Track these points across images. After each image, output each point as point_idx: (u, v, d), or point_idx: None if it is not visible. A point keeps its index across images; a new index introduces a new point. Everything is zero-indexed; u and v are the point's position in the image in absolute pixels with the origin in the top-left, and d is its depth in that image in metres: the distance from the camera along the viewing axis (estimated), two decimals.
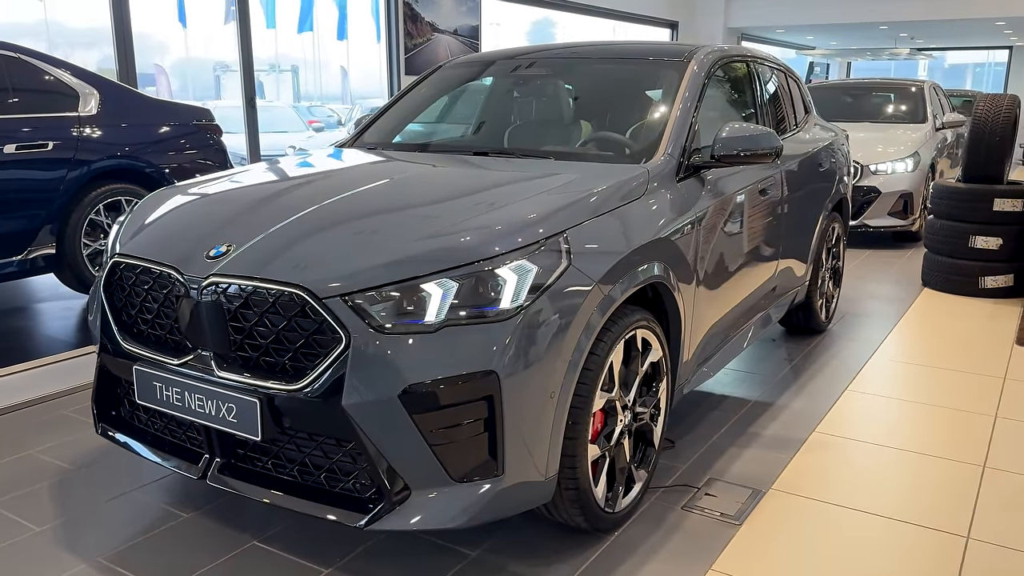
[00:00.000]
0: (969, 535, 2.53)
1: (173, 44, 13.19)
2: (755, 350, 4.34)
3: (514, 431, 2.08)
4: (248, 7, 8.67)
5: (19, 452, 3.05)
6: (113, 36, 7.37)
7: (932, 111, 8.21)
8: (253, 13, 8.97)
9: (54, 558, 2.37)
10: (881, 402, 3.62)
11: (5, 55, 4.50)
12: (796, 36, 21.03)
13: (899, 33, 20.84)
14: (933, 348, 4.46)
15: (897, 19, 17.19)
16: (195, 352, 2.23)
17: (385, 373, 1.99)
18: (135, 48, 7.47)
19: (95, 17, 7.43)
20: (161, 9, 9.48)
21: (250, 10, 8.73)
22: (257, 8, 9.89)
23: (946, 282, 5.57)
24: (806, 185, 3.98)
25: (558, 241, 2.22)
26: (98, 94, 4.86)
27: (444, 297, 2.04)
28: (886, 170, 7.09)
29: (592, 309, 2.22)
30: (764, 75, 3.89)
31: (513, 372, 2.04)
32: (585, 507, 2.34)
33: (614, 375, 2.39)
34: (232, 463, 2.27)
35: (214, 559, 2.37)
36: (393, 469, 2.03)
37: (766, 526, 2.57)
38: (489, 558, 2.38)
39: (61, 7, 7.54)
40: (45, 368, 3.93)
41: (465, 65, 3.81)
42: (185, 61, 15.74)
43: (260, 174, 2.96)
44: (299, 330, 2.06)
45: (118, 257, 2.43)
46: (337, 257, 2.12)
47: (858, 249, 7.20)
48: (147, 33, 13.13)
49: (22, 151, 4.43)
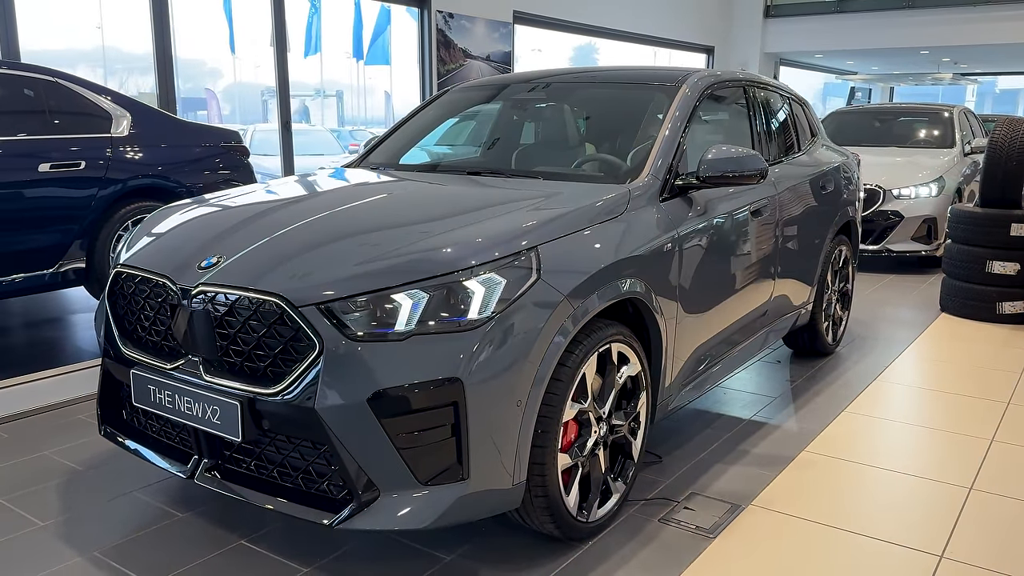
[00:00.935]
0: (943, 554, 2.54)
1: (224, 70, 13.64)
2: (756, 370, 4.36)
3: (480, 437, 2.17)
4: (286, 34, 8.98)
5: (34, 453, 3.22)
6: (155, 62, 7.71)
7: (961, 136, 8.14)
8: (300, 39, 9.30)
9: (53, 551, 2.51)
10: (876, 424, 3.63)
11: (44, 79, 4.76)
12: (836, 61, 20.91)
13: (941, 58, 20.60)
14: (939, 372, 4.43)
15: (938, 44, 17.02)
16: (186, 357, 2.37)
17: (355, 378, 2.10)
18: (187, 74, 7.81)
19: (149, 44, 7.79)
20: (213, 36, 9.86)
21: (288, 37, 9.04)
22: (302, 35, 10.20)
23: (963, 307, 5.52)
24: (808, 207, 4.02)
25: (528, 255, 2.31)
26: (130, 116, 5.10)
27: (414, 307, 2.14)
28: (909, 195, 7.06)
29: (561, 322, 2.31)
30: (762, 99, 3.95)
31: (478, 380, 2.13)
32: (556, 515, 2.41)
33: (587, 387, 2.46)
34: (218, 464, 2.40)
35: (202, 556, 2.49)
36: (363, 471, 2.13)
37: (740, 540, 2.61)
38: (463, 563, 2.46)
39: (118, 34, 7.91)
40: (68, 375, 4.12)
41: (470, 89, 3.95)
42: (234, 86, 16.17)
43: (259, 192, 3.12)
44: (278, 337, 2.18)
45: (120, 267, 2.59)
46: (315, 268, 2.24)
47: (880, 274, 7.15)
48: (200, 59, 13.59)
49: (56, 169, 4.67)
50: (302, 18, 10.15)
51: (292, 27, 9.55)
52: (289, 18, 9.07)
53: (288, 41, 9.08)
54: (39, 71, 4.80)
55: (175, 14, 8.01)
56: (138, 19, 7.56)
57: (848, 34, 17.31)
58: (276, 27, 8.73)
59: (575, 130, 3.51)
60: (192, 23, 9.29)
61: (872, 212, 7.03)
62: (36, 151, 4.63)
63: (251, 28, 8.86)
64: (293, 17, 9.73)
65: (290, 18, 9.22)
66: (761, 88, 3.99)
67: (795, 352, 4.65)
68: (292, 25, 9.56)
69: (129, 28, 8.11)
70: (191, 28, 9.24)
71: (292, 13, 9.62)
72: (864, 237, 7.07)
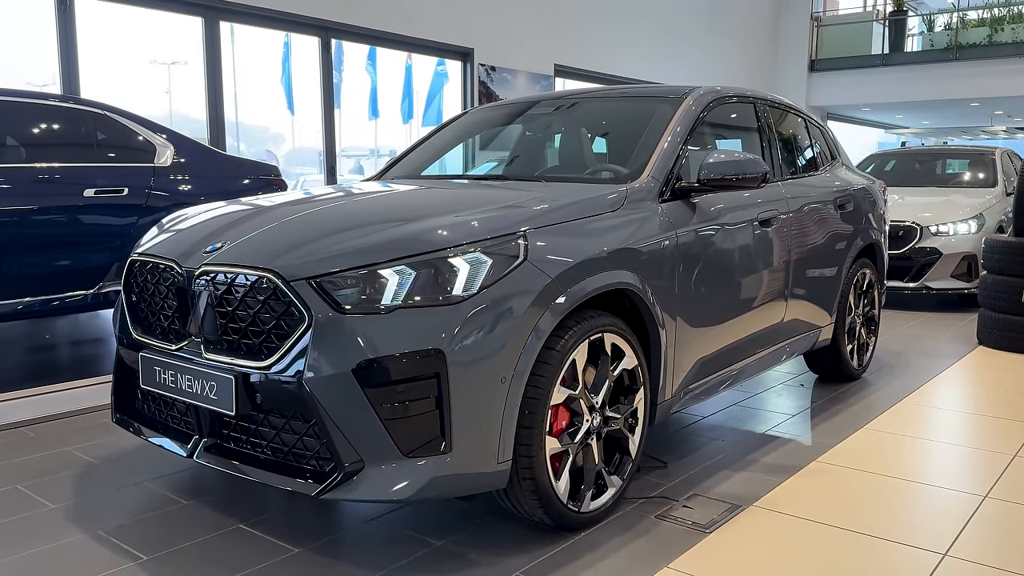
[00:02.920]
0: (947, 553, 2.45)
1: (285, 134, 14.27)
2: (777, 392, 4.30)
3: (463, 411, 2.20)
4: (332, 97, 9.38)
5: (57, 448, 3.34)
6: (207, 123, 8.13)
7: (1004, 177, 8.01)
8: (364, 104, 9.83)
9: (58, 528, 2.60)
10: (895, 439, 3.54)
11: (92, 111, 5.05)
12: (884, 115, 20.78)
13: (994, 111, 20.33)
14: (967, 396, 4.31)
15: (988, 95, 16.82)
16: (189, 339, 2.47)
17: (341, 350, 2.17)
18: (251, 137, 8.23)
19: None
20: (275, 104, 10.38)
21: (334, 98, 9.48)
22: (361, 100, 10.64)
23: (1001, 339, 5.37)
24: (825, 226, 4.01)
25: (516, 237, 2.37)
26: (173, 148, 5.36)
27: (401, 283, 2.22)
28: (947, 231, 6.94)
29: (548, 304, 2.35)
30: (773, 116, 3.99)
31: (461, 353, 2.18)
32: (545, 501, 2.41)
33: (578, 373, 2.48)
34: (216, 443, 2.47)
35: (200, 536, 2.54)
36: (348, 442, 2.18)
37: (735, 535, 2.57)
38: (451, 547, 2.47)
39: (184, 100, 8.40)
40: (98, 385, 4.27)
41: (487, 109, 4.08)
42: (295, 149, 16.79)
43: (274, 195, 3.26)
44: (271, 312, 2.27)
45: (134, 256, 2.74)
46: (309, 248, 2.34)
47: (919, 312, 6.99)
48: (264, 125, 14.24)
49: (101, 195, 4.92)
50: (365, 85, 10.62)
51: (354, 93, 10.10)
52: (352, 85, 9.61)
53: (339, 101, 9.55)
54: (88, 104, 5.10)
55: (239, 83, 8.52)
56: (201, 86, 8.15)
57: (895, 87, 17.23)
58: (324, 90, 9.17)
59: (584, 141, 3.59)
60: (256, 93, 9.87)
61: (909, 249, 6.93)
62: (83, 177, 4.88)
63: (310, 96, 9.40)
64: (354, 84, 10.29)
65: (352, 85, 9.78)
66: (772, 106, 4.03)
67: (820, 377, 4.57)
68: (354, 91, 10.11)
69: (195, 95, 8.68)
70: (256, 97, 9.79)
71: (353, 80, 10.19)
72: (902, 274, 6.95)
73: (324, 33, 9.19)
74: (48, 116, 4.96)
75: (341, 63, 9.82)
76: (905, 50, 18.00)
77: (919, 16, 18.80)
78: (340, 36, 9.39)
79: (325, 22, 9.00)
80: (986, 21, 16.94)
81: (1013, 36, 16.28)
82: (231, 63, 8.56)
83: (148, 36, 8.28)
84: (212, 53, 8.17)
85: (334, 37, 9.31)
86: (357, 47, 9.89)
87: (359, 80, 10.71)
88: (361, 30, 9.34)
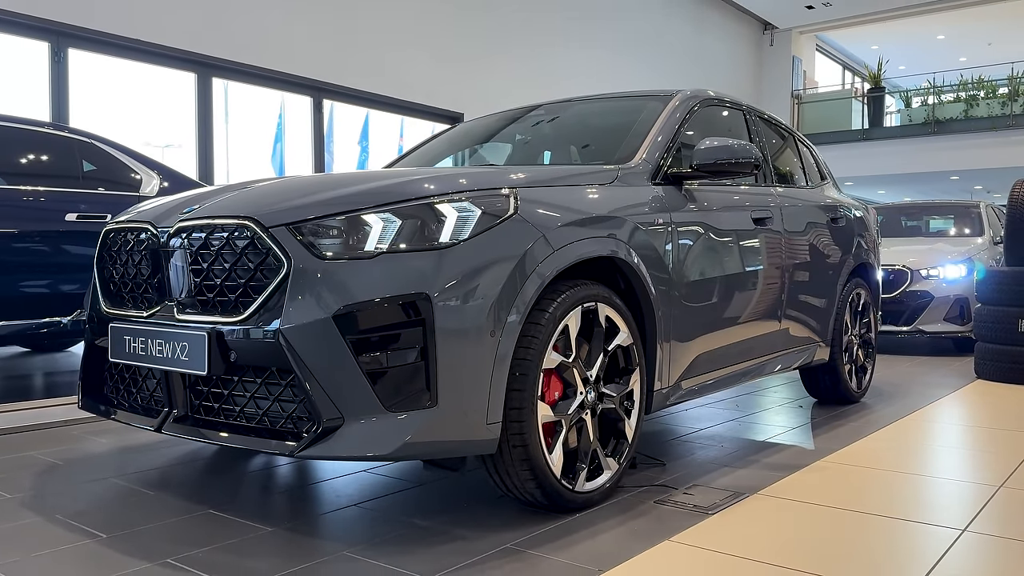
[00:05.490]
0: (966, 529, 2.30)
1: None
2: (776, 412, 4.16)
3: (450, 363, 2.08)
4: (324, 157, 9.48)
5: (19, 453, 3.15)
6: (197, 176, 8.14)
7: (990, 227, 8.06)
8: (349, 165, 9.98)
9: (14, 513, 2.41)
10: (902, 443, 3.39)
11: (79, 139, 5.02)
12: (866, 189, 21.13)
13: (973, 186, 20.75)
14: (971, 413, 4.17)
15: (967, 167, 17.16)
16: (162, 304, 2.35)
17: (321, 296, 2.05)
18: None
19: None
20: (263, 156, 10.43)
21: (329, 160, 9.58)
22: (350, 161, 10.74)
23: (998, 371, 5.26)
24: (818, 235, 3.96)
25: (506, 192, 2.30)
26: (158, 178, 5.31)
27: (385, 229, 2.12)
28: (938, 275, 6.91)
29: (537, 260, 2.25)
30: (763, 127, 3.98)
31: (447, 298, 2.07)
32: (537, 472, 2.26)
33: (571, 341, 2.37)
34: (186, 415, 2.32)
35: (163, 520, 2.36)
36: (328, 396, 2.04)
37: (737, 516, 2.41)
38: (438, 527, 2.30)
39: (181, 156, 8.49)
40: (65, 406, 4.08)
41: (482, 119, 4.05)
42: None
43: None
44: (249, 263, 2.16)
45: (109, 226, 2.63)
46: (290, 197, 2.25)
47: (916, 356, 6.89)
48: None
49: (82, 219, 4.83)
50: (355, 148, 10.77)
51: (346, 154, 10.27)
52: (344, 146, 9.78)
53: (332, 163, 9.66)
54: (75, 132, 5.08)
55: (231, 141, 8.63)
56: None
57: (876, 160, 17.58)
58: (315, 149, 9.28)
59: (581, 135, 3.56)
60: (250, 153, 10.02)
61: (900, 293, 6.88)
62: (66, 202, 4.81)
63: (301, 159, 9.58)
64: (346, 146, 10.46)
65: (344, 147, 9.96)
66: (763, 119, 4.04)
67: (819, 400, 4.44)
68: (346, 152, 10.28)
69: (187, 154, 8.81)
70: (250, 157, 9.95)
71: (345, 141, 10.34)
72: (895, 318, 6.89)
73: (317, 93, 9.33)
74: (35, 142, 4.92)
75: (332, 129, 9.94)
76: (884, 125, 18.48)
77: (896, 93, 19.36)
78: (333, 97, 9.54)
79: (318, 82, 9.15)
80: (961, 98, 17.46)
81: (988, 111, 16.76)
82: (223, 121, 8.63)
83: (142, 91, 8.39)
84: (204, 108, 8.25)
85: (326, 98, 9.45)
86: (350, 109, 10.04)
87: (350, 142, 10.82)
88: (354, 92, 9.50)
